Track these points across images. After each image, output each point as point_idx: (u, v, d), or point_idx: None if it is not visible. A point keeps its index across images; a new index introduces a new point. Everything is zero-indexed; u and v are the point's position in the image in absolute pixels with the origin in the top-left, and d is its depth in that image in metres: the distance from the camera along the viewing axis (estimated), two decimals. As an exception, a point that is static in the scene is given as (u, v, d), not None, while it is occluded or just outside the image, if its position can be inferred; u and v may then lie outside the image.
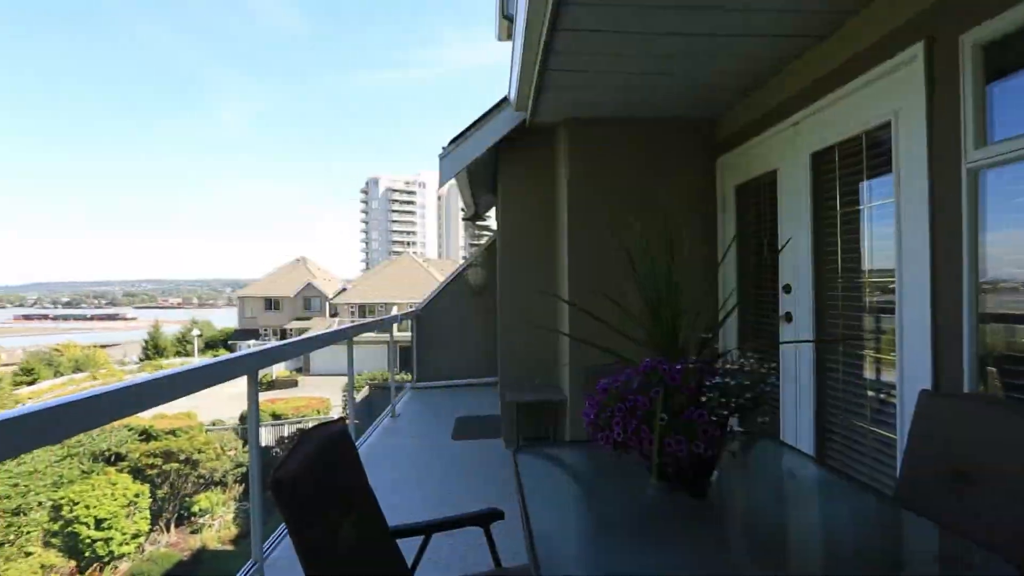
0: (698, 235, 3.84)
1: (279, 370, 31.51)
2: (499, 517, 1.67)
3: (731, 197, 3.73)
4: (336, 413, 20.41)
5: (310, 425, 16.53)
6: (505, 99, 4.21)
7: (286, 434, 17.61)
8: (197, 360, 36.38)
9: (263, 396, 2.62)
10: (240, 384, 2.41)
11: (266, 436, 16.97)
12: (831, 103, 2.59)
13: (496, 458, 4.22)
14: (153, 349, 42.71)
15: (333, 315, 41.15)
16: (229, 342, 42.79)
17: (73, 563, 10.40)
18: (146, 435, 14.91)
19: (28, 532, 10.42)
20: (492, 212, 7.56)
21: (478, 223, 7.17)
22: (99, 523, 10.72)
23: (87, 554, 10.51)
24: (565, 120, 3.86)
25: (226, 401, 20.31)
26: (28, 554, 10.02)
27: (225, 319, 59.06)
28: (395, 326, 6.15)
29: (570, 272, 3.84)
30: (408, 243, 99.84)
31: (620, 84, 3.25)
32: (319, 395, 22.59)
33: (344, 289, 43.52)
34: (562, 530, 1.40)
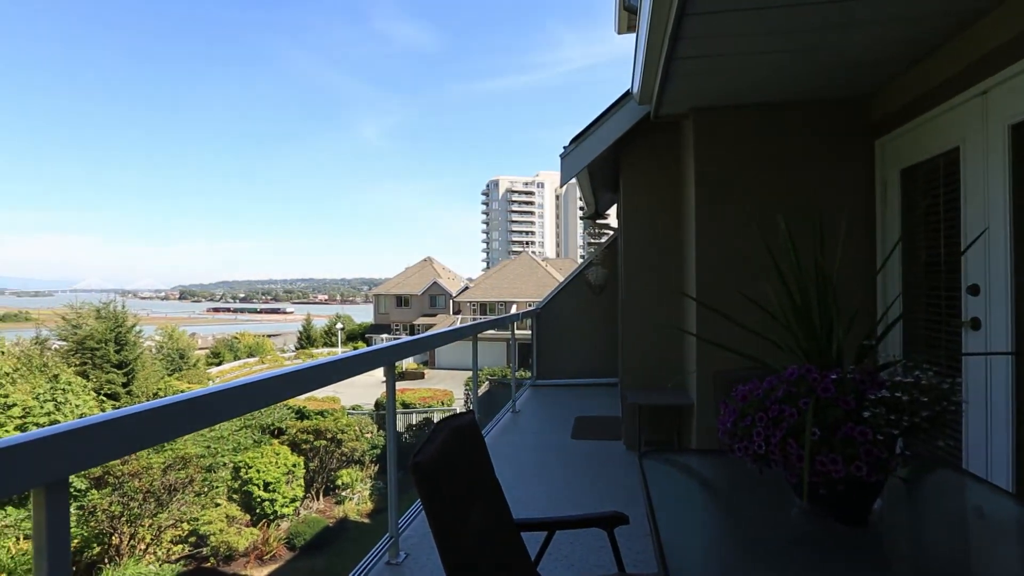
0: (853, 227, 3.39)
1: (408, 363, 34.15)
2: (624, 521, 1.63)
3: (894, 183, 3.22)
4: (458, 405, 21.55)
5: (435, 415, 17.62)
6: (627, 93, 4.11)
7: (414, 422, 19.02)
8: (340, 350, 40.84)
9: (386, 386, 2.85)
10: (374, 375, 2.65)
11: (397, 423, 18.47)
12: (1040, 63, 2.12)
13: (616, 460, 4.14)
14: (306, 339, 48.87)
15: (456, 312, 43.51)
16: (366, 335, 47.38)
17: (248, 516, 12.31)
18: (300, 414, 17.13)
19: (216, 487, 12.57)
20: (612, 210, 7.42)
21: (598, 221, 7.07)
22: (266, 486, 12.56)
23: (257, 511, 12.38)
24: (692, 110, 3.65)
25: (362, 389, 22.56)
26: (217, 504, 12.07)
27: (363, 314, 65.57)
28: (515, 324, 6.32)
29: (698, 271, 3.62)
30: (527, 243, 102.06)
31: (754, 67, 2.98)
32: (443, 387, 24.04)
33: (466, 287, 45.79)
34: (694, 544, 1.32)
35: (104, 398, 19.67)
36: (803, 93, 3.39)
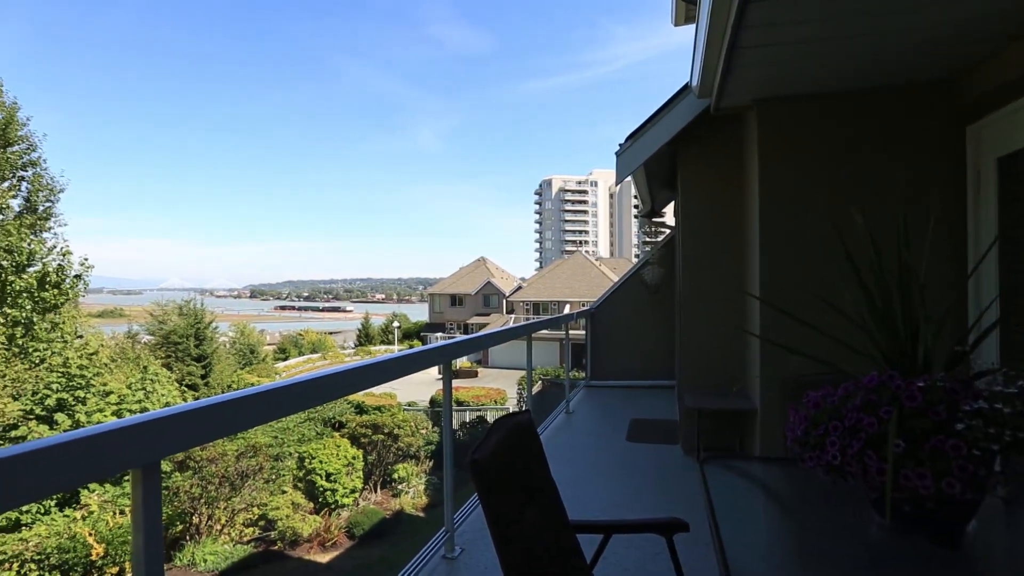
0: (940, 223, 3.11)
1: (462, 362, 34.69)
2: (683, 528, 1.58)
3: (991, 173, 2.93)
4: (511, 404, 21.66)
5: (488, 413, 17.74)
6: (685, 87, 3.98)
7: (467, 420, 19.29)
8: (397, 348, 42.10)
9: (443, 384, 2.92)
10: (429, 372, 2.72)
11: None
12: None
13: (673, 465, 4.02)
14: (364, 337, 50.76)
15: (509, 312, 43.77)
16: (421, 333, 48.59)
17: (311, 505, 12.94)
18: (359, 409, 17.79)
19: (283, 475, 13.30)
20: (669, 208, 7.22)
21: (654, 220, 6.90)
22: (328, 476, 13.14)
23: (320, 500, 12.99)
24: (756, 102, 3.48)
25: (417, 387, 23.13)
26: (284, 492, 12.78)
27: (418, 313, 67.28)
28: (569, 324, 6.27)
29: (762, 270, 3.45)
30: (580, 242, 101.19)
31: (827, 53, 2.80)
32: (496, 386, 24.22)
33: (519, 287, 45.98)
34: (760, 556, 1.26)
35: (185, 388, 21.29)
36: (882, 77, 3.15)
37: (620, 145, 4.21)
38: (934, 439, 1.03)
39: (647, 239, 7.28)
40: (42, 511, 11.04)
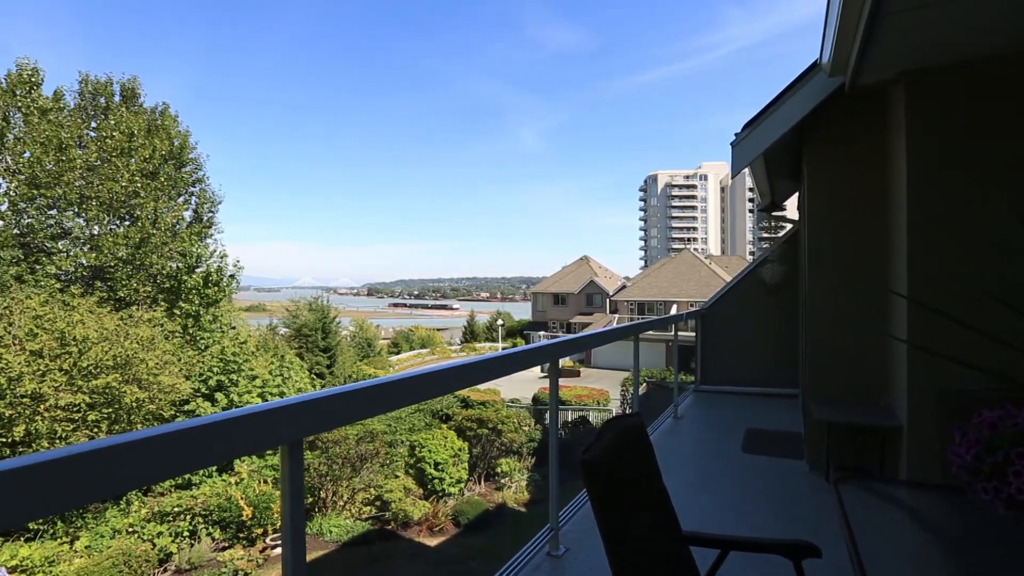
0: None
1: (564, 361, 34.65)
2: (814, 553, 1.43)
3: None
4: (614, 405, 21.21)
5: (591, 413, 17.53)
6: (812, 66, 3.60)
7: (569, 419, 19.21)
8: (501, 346, 43.20)
9: (549, 383, 2.93)
10: (531, 371, 2.72)
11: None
12: None
13: (798, 482, 3.66)
14: (469, 334, 52.74)
15: (613, 311, 42.88)
16: (524, 332, 49.34)
17: (421, 490, 13.74)
18: (465, 403, 18.53)
19: (396, 461, 14.28)
20: (791, 200, 6.58)
21: (774, 213, 6.34)
22: (436, 465, 13.86)
23: (429, 487, 13.74)
24: (903, 74, 3.04)
25: (520, 384, 23.53)
26: (396, 476, 13.72)
27: (521, 311, 68.43)
28: (677, 324, 5.99)
29: (911, 267, 3.01)
30: (688, 239, 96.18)
31: (998, 6, 2.36)
32: (598, 387, 23.85)
33: (624, 286, 44.85)
34: (914, 595, 1.10)
35: (314, 376, 23.73)
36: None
37: (736, 135, 3.92)
38: None
39: (764, 235, 6.74)
40: (207, 474, 12.97)
